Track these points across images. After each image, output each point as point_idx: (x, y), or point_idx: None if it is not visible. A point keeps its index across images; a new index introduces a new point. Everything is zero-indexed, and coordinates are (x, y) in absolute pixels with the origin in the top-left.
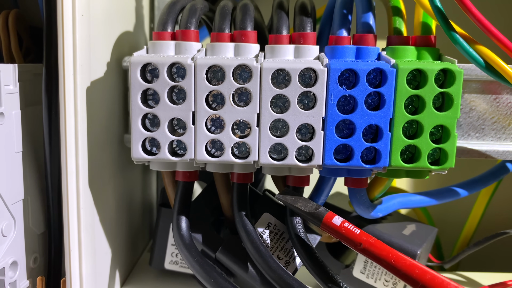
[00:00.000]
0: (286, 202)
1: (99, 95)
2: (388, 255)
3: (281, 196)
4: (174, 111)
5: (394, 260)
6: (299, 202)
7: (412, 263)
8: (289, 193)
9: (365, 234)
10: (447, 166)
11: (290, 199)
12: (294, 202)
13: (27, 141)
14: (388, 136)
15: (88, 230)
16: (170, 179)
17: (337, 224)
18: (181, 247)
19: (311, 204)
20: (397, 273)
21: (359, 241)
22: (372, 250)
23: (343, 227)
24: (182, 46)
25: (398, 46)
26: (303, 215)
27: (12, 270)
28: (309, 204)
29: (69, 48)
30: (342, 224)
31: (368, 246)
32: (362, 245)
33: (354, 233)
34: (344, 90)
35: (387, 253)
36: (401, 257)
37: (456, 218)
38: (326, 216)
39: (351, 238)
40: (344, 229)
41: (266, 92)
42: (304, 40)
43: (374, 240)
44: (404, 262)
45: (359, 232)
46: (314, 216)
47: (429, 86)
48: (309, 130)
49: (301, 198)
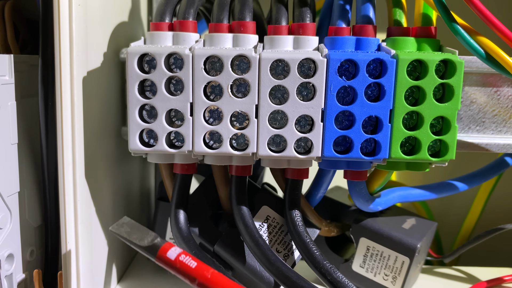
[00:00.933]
0: (120, 235)
1: (96, 86)
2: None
3: (116, 228)
4: (172, 102)
5: None
6: (134, 234)
7: None
8: (126, 224)
9: (202, 267)
10: (447, 158)
11: (124, 232)
12: (129, 235)
13: (23, 133)
14: (388, 128)
15: (85, 223)
16: (168, 172)
17: (172, 258)
18: (179, 240)
19: (148, 236)
20: None
21: (194, 276)
22: (208, 285)
23: (178, 261)
24: (180, 37)
25: (398, 37)
26: (138, 250)
27: (8, 263)
28: (146, 236)
29: (65, 39)
30: (177, 257)
31: (204, 282)
32: (197, 280)
33: (189, 268)
34: (344, 81)
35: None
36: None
37: (456, 212)
38: (160, 249)
39: (186, 273)
40: (179, 263)
41: (264, 83)
42: (303, 31)
43: (212, 275)
44: None
45: (195, 266)
46: (149, 250)
47: (430, 77)
48: (308, 121)
49: (139, 229)
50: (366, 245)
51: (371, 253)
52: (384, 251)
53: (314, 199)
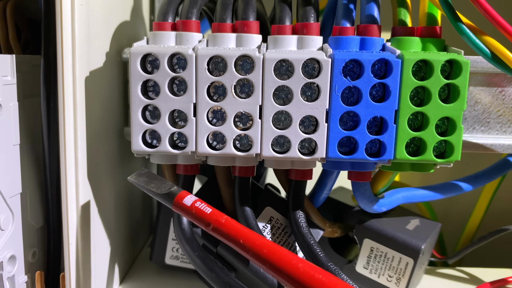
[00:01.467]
0: (138, 184)
1: (98, 87)
2: (237, 235)
3: (135, 178)
4: (175, 102)
5: (243, 240)
6: (152, 183)
7: (261, 242)
8: (144, 175)
9: (216, 213)
10: (453, 159)
11: (143, 181)
12: (146, 184)
13: (25, 133)
14: (393, 128)
15: (87, 224)
16: (171, 173)
17: (188, 204)
18: (182, 242)
19: (165, 185)
20: (247, 253)
21: (209, 221)
22: (222, 229)
23: (193, 207)
24: (183, 37)
25: (403, 37)
26: (155, 197)
27: (11, 264)
28: (163, 185)
29: (68, 38)
30: (193, 204)
31: (218, 226)
32: (212, 225)
33: (204, 213)
34: (349, 81)
35: (236, 233)
36: (251, 237)
37: (459, 213)
38: (177, 196)
39: (201, 218)
40: (195, 209)
41: (268, 84)
42: (307, 30)
43: (225, 220)
44: (254, 242)
45: (210, 212)
46: (165, 197)
47: (435, 77)
48: (312, 122)
49: (156, 179)
50: (370, 246)
51: (375, 254)
52: (388, 252)
53: (318, 200)
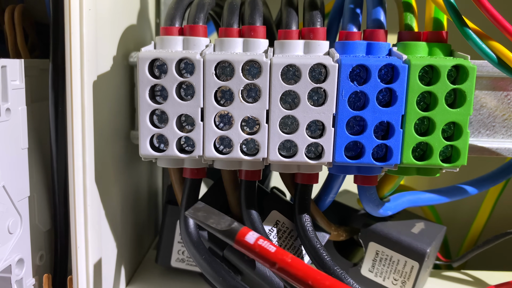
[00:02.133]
0: (197, 219)
1: (106, 90)
2: (305, 276)
3: (192, 213)
4: (183, 107)
5: (312, 282)
6: (211, 219)
7: (331, 283)
8: (202, 209)
9: (281, 252)
10: (459, 163)
11: (201, 216)
12: (205, 219)
13: (33, 137)
14: (400, 133)
15: (94, 227)
16: (178, 176)
17: (250, 242)
18: (188, 245)
19: (225, 221)
20: None
21: (274, 261)
22: (288, 270)
23: (256, 245)
24: (190, 42)
25: (409, 42)
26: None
27: (19, 267)
28: (223, 221)
29: (76, 43)
30: (256, 241)
31: (284, 266)
32: (277, 264)
33: (269, 252)
34: (356, 86)
35: (305, 273)
36: (320, 278)
37: (464, 217)
38: (239, 233)
39: (265, 257)
40: (258, 247)
41: (275, 88)
42: (314, 35)
43: (292, 259)
44: (323, 283)
45: (274, 250)
46: (226, 234)
47: (442, 83)
48: (319, 127)
49: (214, 214)
50: (375, 250)
51: (380, 257)
52: (393, 256)
53: (324, 204)
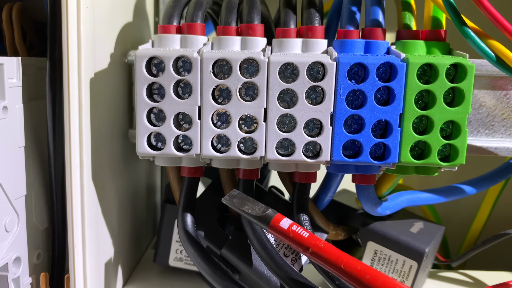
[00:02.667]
0: (232, 205)
1: (103, 89)
2: (337, 259)
3: (228, 199)
4: (180, 105)
5: (344, 265)
6: (246, 205)
7: (363, 268)
8: (237, 196)
9: (314, 237)
10: (457, 162)
11: (236, 202)
12: (241, 205)
13: (30, 136)
14: (398, 132)
15: (92, 226)
16: (175, 175)
17: (284, 228)
18: (186, 244)
19: (259, 207)
20: (348, 278)
21: (308, 245)
22: (321, 254)
23: (290, 231)
24: (188, 40)
25: (408, 40)
26: (250, 218)
27: (16, 266)
28: (257, 207)
29: (73, 41)
30: (290, 227)
31: (317, 250)
32: (310, 249)
33: (302, 237)
34: (353, 84)
35: (337, 257)
36: (352, 262)
37: (463, 216)
38: (273, 219)
39: (299, 242)
40: (292, 233)
41: (273, 87)
42: (312, 33)
43: (324, 244)
44: (355, 267)
45: (307, 236)
46: (261, 219)
47: (440, 81)
48: (317, 125)
49: (249, 201)
50: (374, 249)
51: (379, 257)
52: (392, 255)
53: (322, 203)
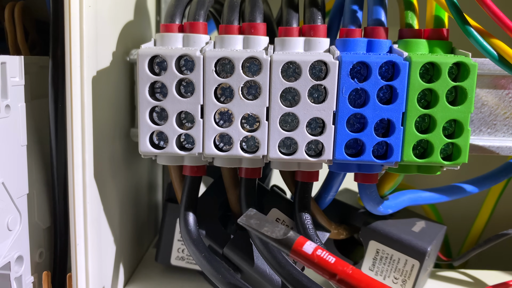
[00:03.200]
0: (250, 227)
1: (105, 88)
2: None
3: (245, 220)
4: (182, 104)
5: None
6: (265, 227)
7: None
8: (254, 216)
9: (341, 263)
10: (460, 161)
11: (254, 224)
12: (259, 227)
13: (32, 134)
14: (401, 131)
15: (94, 225)
16: (177, 174)
17: (308, 253)
18: (188, 243)
19: (279, 229)
20: None
21: (335, 272)
22: (349, 281)
23: (315, 256)
24: (190, 39)
25: (410, 39)
26: (270, 241)
27: (18, 264)
28: (277, 229)
29: (76, 40)
30: (314, 252)
31: (345, 277)
32: (338, 276)
33: (328, 263)
34: (356, 83)
35: (367, 285)
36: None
37: (465, 215)
38: (296, 243)
39: (325, 268)
40: (317, 258)
41: (276, 85)
42: (314, 32)
43: (352, 270)
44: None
45: (334, 261)
46: (282, 243)
47: (443, 80)
48: (319, 124)
49: (267, 221)
50: (376, 248)
51: (381, 256)
52: (393, 254)
53: (324, 202)
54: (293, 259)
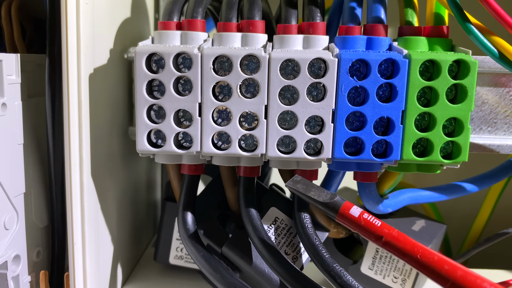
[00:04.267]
0: (297, 191)
1: (103, 86)
2: (413, 249)
3: (292, 184)
4: (180, 102)
5: (421, 255)
6: (311, 191)
7: (440, 258)
8: (300, 182)
9: (387, 226)
10: (460, 160)
11: (301, 188)
12: (306, 191)
13: (29, 133)
14: (400, 129)
15: (92, 224)
16: (176, 173)
17: (355, 216)
18: (186, 241)
19: (325, 193)
20: (424, 269)
21: (381, 234)
22: (395, 244)
23: (362, 219)
24: (188, 36)
25: (410, 37)
26: (317, 205)
27: (15, 264)
28: (323, 193)
29: (73, 37)
30: (361, 215)
31: (391, 240)
32: (384, 238)
33: (375, 226)
34: (355, 81)
35: (412, 247)
36: (428, 252)
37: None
38: (343, 206)
39: (372, 231)
40: (364, 221)
41: (274, 83)
42: (313, 30)
43: (397, 233)
44: (432, 258)
45: (380, 224)
46: (329, 206)
47: (443, 78)
48: (318, 122)
49: (314, 186)
50: (375, 247)
51: (380, 255)
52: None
53: None
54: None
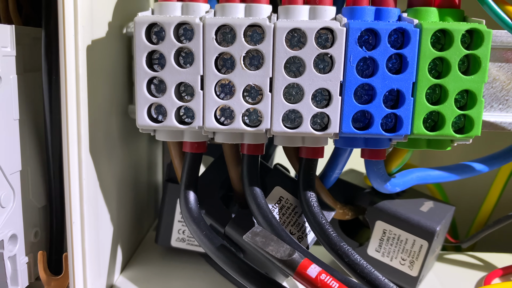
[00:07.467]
0: (255, 244)
1: (102, 60)
2: None
3: (250, 237)
4: (181, 75)
5: None
6: (270, 245)
7: None
8: (259, 234)
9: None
10: (472, 134)
11: (259, 241)
12: (264, 245)
13: (25, 109)
14: (411, 102)
15: (91, 203)
16: (177, 151)
17: (312, 276)
18: (189, 221)
19: (284, 249)
20: None
21: None
22: None
23: (319, 280)
24: (189, 7)
25: (420, 8)
26: (274, 261)
27: (12, 243)
28: (282, 248)
29: (69, 9)
30: (318, 276)
31: None
32: None
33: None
34: (364, 51)
35: None
36: None
37: (473, 196)
38: (300, 265)
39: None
40: (320, 282)
41: (280, 54)
42: (320, 0)
43: None
44: None
45: (337, 287)
46: (286, 263)
47: (455, 48)
48: (325, 97)
49: (273, 240)
50: (383, 229)
51: (388, 236)
52: (401, 235)
53: (329, 180)
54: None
